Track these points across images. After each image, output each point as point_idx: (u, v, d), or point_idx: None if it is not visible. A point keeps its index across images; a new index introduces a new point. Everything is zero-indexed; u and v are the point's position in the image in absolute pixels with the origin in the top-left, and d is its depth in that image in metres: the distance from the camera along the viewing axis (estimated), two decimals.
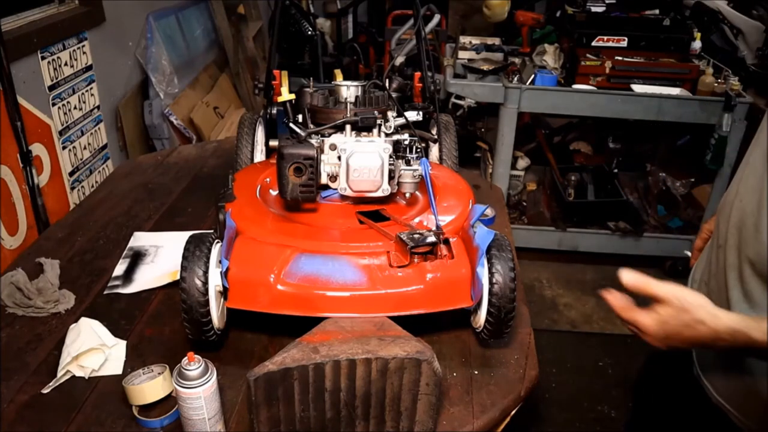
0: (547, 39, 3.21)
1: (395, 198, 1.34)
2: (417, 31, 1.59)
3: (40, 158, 2.18)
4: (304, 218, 1.27)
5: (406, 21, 3.56)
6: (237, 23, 3.93)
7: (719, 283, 1.15)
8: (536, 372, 1.16)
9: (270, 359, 0.91)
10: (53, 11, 2.40)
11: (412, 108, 1.36)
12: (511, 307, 1.10)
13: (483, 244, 1.10)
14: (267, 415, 0.92)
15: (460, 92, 2.89)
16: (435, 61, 3.36)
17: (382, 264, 1.13)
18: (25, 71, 2.11)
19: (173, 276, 1.35)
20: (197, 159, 2.03)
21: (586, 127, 3.54)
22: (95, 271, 1.41)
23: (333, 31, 4.89)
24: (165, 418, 1.00)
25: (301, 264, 1.11)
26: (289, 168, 1.18)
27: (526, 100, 2.76)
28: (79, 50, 2.45)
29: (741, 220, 1.08)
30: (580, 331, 2.80)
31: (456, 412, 1.05)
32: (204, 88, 3.50)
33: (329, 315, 1.07)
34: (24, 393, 1.06)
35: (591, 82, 2.77)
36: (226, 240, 1.12)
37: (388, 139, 1.25)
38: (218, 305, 1.11)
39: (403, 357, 0.93)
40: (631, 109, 2.73)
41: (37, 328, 1.22)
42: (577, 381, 2.50)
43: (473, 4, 4.25)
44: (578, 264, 3.20)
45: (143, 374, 1.06)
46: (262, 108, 1.63)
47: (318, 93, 1.37)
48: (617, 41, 2.75)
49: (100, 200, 1.74)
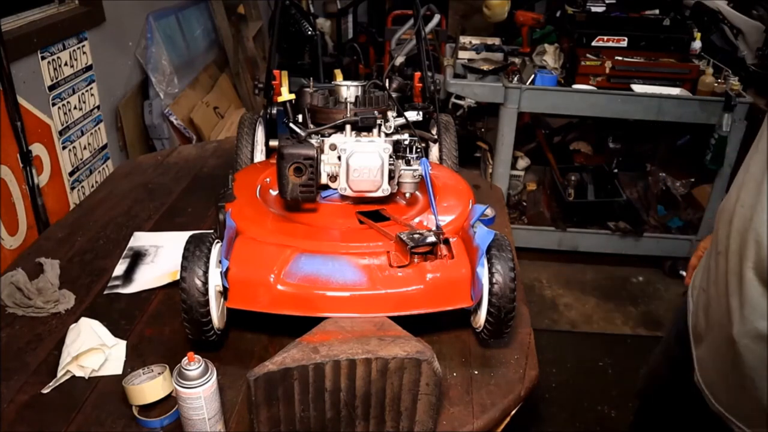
0: (547, 39, 3.21)
1: (395, 198, 1.34)
2: (417, 31, 1.59)
3: (40, 158, 2.18)
4: (304, 218, 1.27)
5: (406, 21, 3.56)
6: (237, 23, 3.93)
7: (719, 290, 1.15)
8: (536, 372, 1.16)
9: (270, 359, 0.91)
10: (53, 11, 2.40)
11: (412, 108, 1.36)
12: (511, 307, 1.10)
13: (483, 244, 1.10)
14: (267, 415, 0.92)
15: (460, 92, 2.89)
16: (435, 61, 3.36)
17: (382, 264, 1.13)
18: (25, 71, 2.11)
19: (173, 276, 1.35)
20: (197, 159, 2.03)
21: (586, 127, 3.54)
22: (95, 271, 1.41)
23: (333, 31, 4.89)
24: (165, 418, 1.00)
25: (301, 264, 1.11)
26: (289, 168, 1.18)
27: (526, 100, 2.76)
28: (79, 50, 2.45)
29: (743, 226, 1.07)
30: (580, 331, 2.80)
31: (456, 412, 1.05)
32: (204, 88, 3.50)
33: (329, 315, 1.07)
34: (24, 393, 1.06)
35: (591, 82, 2.77)
36: (226, 240, 1.12)
37: (388, 139, 1.25)
38: (218, 305, 1.11)
39: (403, 357, 0.93)
40: (631, 109, 2.73)
41: (37, 328, 1.22)
42: (577, 381, 2.50)
43: (473, 4, 4.25)
44: (578, 264, 3.20)
45: (143, 374, 1.06)
46: (262, 108, 1.63)
47: (318, 93, 1.37)
48: (617, 41, 2.75)
49: (100, 200, 1.74)
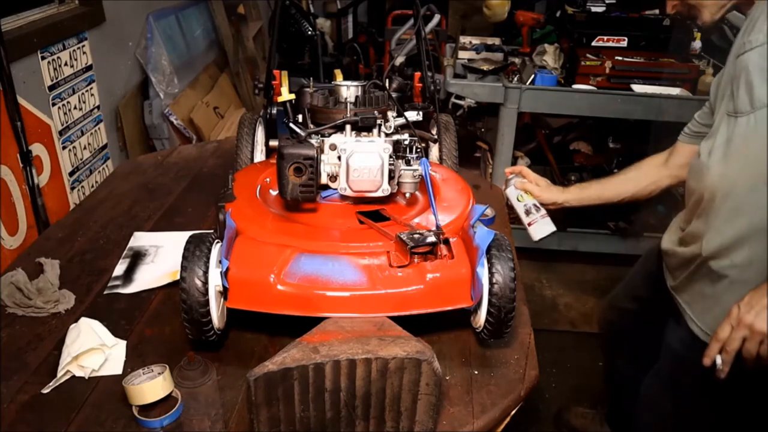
0: (547, 39, 3.21)
1: (395, 198, 1.34)
2: (417, 31, 1.59)
3: (40, 158, 2.18)
4: (304, 218, 1.27)
5: (406, 21, 3.54)
6: (237, 23, 3.94)
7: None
8: (536, 372, 1.16)
9: (270, 359, 0.91)
10: (53, 11, 2.40)
11: (412, 108, 1.35)
12: (511, 307, 1.10)
13: (483, 244, 1.10)
14: (267, 415, 0.92)
15: (460, 92, 2.89)
16: (435, 61, 3.35)
17: (382, 264, 1.13)
18: (25, 71, 2.11)
19: (173, 276, 1.35)
20: (197, 159, 2.03)
21: (586, 127, 3.54)
22: (95, 271, 1.41)
23: (333, 31, 4.89)
24: (165, 418, 1.00)
25: (301, 264, 1.11)
26: (289, 168, 1.18)
27: (526, 100, 2.76)
28: (79, 50, 2.45)
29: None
30: (580, 331, 2.80)
31: (456, 412, 1.05)
32: (204, 88, 3.50)
33: (329, 315, 1.07)
34: (24, 393, 1.06)
35: (591, 82, 2.77)
36: (226, 240, 1.12)
37: (388, 139, 1.25)
38: (218, 305, 1.11)
39: (403, 357, 0.93)
40: (631, 109, 2.73)
41: (37, 328, 1.22)
42: (577, 381, 2.50)
43: (473, 4, 4.25)
44: (578, 264, 3.20)
45: (143, 374, 1.06)
46: (262, 108, 1.63)
47: (318, 93, 1.37)
48: (617, 41, 2.75)
49: (100, 200, 1.74)
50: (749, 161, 1.22)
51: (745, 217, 1.25)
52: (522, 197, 1.70)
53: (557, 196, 1.70)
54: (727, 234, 1.28)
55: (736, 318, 1.20)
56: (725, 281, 1.31)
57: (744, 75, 1.23)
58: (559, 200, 1.71)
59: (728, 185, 1.26)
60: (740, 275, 1.28)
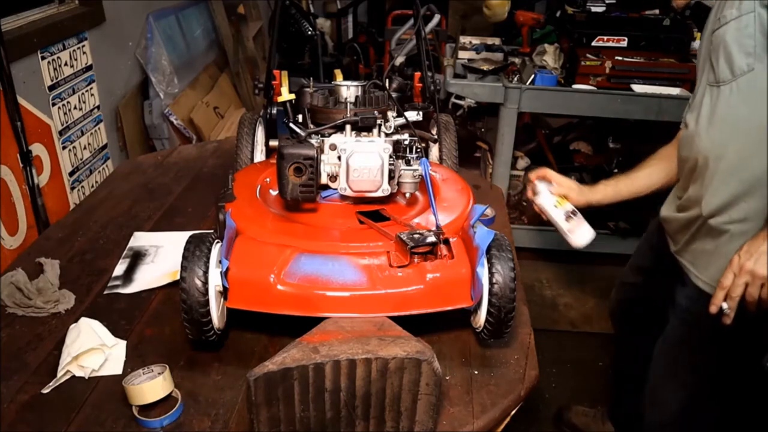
0: (547, 39, 3.21)
1: (395, 198, 1.34)
2: (417, 31, 1.59)
3: (40, 158, 2.18)
4: (304, 218, 1.27)
5: (406, 21, 3.54)
6: (237, 23, 3.94)
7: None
8: (536, 372, 1.16)
9: (270, 359, 0.91)
10: (53, 11, 2.40)
11: (412, 108, 1.36)
12: (511, 307, 1.10)
13: (483, 244, 1.10)
14: (267, 415, 0.92)
15: (460, 92, 2.89)
16: (435, 61, 3.35)
17: (382, 264, 1.13)
18: (25, 71, 2.11)
19: (173, 276, 1.35)
20: (197, 159, 2.03)
21: (586, 127, 3.54)
22: (95, 271, 1.41)
23: (333, 31, 4.89)
24: (165, 418, 1.00)
25: (301, 264, 1.11)
26: (289, 168, 1.18)
27: (526, 100, 2.76)
28: (79, 50, 2.45)
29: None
30: (580, 331, 2.80)
31: (456, 412, 1.05)
32: (204, 88, 3.50)
33: (329, 315, 1.07)
34: (24, 393, 1.06)
35: (591, 82, 2.77)
36: (226, 240, 1.12)
37: (388, 139, 1.25)
38: (218, 305, 1.11)
39: (403, 357, 0.93)
40: (631, 109, 2.73)
41: (37, 328, 1.22)
42: (577, 381, 2.50)
43: (473, 4, 4.25)
44: (578, 264, 3.20)
45: (143, 374, 1.06)
46: (262, 108, 1.63)
47: (318, 93, 1.37)
48: (617, 41, 2.75)
49: (100, 200, 1.74)
50: (736, 124, 1.34)
51: (738, 176, 1.34)
52: (559, 203, 1.61)
53: (590, 197, 1.65)
54: (724, 193, 1.36)
55: (737, 266, 1.27)
56: (725, 236, 1.39)
57: (722, 47, 1.33)
58: (593, 200, 1.65)
59: (719, 148, 1.35)
60: (739, 228, 1.36)
